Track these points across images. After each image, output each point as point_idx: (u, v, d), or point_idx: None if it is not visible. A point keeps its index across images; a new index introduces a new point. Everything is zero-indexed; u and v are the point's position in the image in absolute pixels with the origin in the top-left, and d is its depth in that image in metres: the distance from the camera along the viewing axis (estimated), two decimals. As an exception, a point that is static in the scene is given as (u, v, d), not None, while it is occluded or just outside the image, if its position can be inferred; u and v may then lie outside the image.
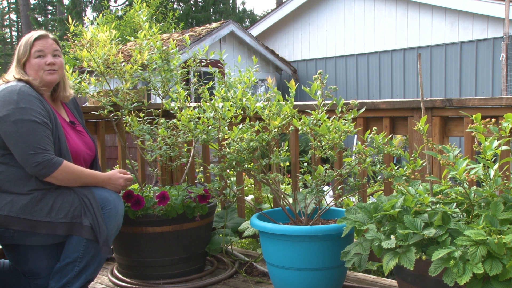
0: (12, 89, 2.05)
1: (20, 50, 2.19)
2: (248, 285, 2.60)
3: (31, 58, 2.17)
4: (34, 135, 2.00)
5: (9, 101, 2.01)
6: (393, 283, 2.52)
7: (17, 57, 2.20)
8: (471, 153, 2.23)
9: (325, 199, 2.45)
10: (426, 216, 1.71)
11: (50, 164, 2.00)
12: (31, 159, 1.98)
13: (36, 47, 2.17)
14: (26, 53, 2.17)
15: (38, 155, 1.99)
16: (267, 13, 11.03)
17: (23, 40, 2.21)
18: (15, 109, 2.00)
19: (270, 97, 2.39)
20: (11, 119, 1.99)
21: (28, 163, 1.99)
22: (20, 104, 2.01)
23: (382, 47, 8.89)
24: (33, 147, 1.98)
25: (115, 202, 2.17)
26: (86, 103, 4.97)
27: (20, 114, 2.00)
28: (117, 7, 20.73)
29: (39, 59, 2.18)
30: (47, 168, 2.00)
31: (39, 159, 1.99)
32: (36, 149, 1.99)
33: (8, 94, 2.03)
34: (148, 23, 2.92)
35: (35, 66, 2.17)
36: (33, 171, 2.01)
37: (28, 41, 2.19)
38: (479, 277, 1.49)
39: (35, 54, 2.17)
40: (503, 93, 7.19)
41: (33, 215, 2.03)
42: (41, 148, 2.00)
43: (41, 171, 2.00)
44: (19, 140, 1.99)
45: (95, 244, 2.09)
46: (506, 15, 7.03)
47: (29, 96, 2.05)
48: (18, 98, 2.02)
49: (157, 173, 2.91)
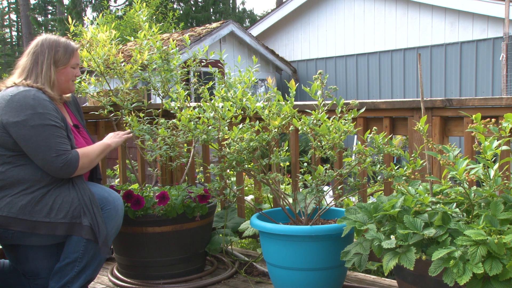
0: (26, 94, 2.06)
1: (60, 52, 2.21)
2: (248, 285, 2.60)
3: (68, 66, 2.24)
4: (55, 138, 2.05)
5: (25, 106, 2.03)
6: (393, 283, 2.52)
7: (55, 58, 2.20)
8: (471, 153, 2.22)
9: (325, 199, 2.45)
10: (426, 216, 1.71)
11: (72, 162, 2.06)
12: (56, 161, 2.03)
13: (75, 59, 2.28)
14: (69, 59, 2.23)
15: (60, 156, 2.04)
16: (267, 13, 11.03)
17: (63, 43, 2.23)
18: (33, 114, 2.03)
19: (270, 97, 2.39)
20: (30, 124, 2.01)
21: (53, 166, 2.03)
22: (38, 109, 2.04)
23: (382, 47, 8.89)
24: (55, 149, 2.03)
25: (114, 202, 2.17)
26: (86, 103, 4.97)
27: (39, 120, 2.03)
28: (117, 7, 20.74)
29: (74, 70, 2.28)
30: (72, 166, 2.06)
31: (63, 160, 2.04)
32: (58, 151, 2.04)
33: (23, 99, 2.05)
34: (148, 23, 2.92)
35: (69, 75, 2.26)
36: (59, 173, 2.05)
37: (70, 49, 2.25)
38: (479, 277, 1.49)
39: (73, 64, 2.26)
40: (503, 93, 7.19)
41: (32, 215, 2.03)
42: (62, 150, 2.05)
43: (67, 170, 2.06)
44: (41, 144, 2.02)
45: (95, 244, 2.09)
46: (506, 15, 7.03)
47: (44, 101, 2.08)
48: (34, 103, 2.05)
49: (157, 173, 2.91)
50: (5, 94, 2.08)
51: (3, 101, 2.05)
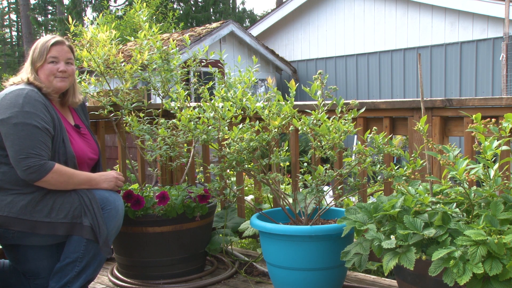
0: (19, 93, 2.06)
1: (36, 53, 2.20)
2: (248, 285, 2.60)
3: (45, 62, 2.19)
4: (31, 140, 2.00)
5: (14, 104, 2.03)
6: (393, 283, 2.52)
7: (31, 59, 2.20)
8: (471, 153, 2.22)
9: (325, 199, 2.45)
10: (426, 216, 1.71)
11: (40, 169, 1.99)
12: (22, 162, 1.98)
13: (52, 53, 2.20)
14: (42, 57, 2.19)
15: (29, 159, 1.98)
16: (267, 13, 11.03)
17: (39, 43, 2.22)
18: (19, 112, 2.01)
19: (270, 97, 2.39)
20: (12, 121, 2.00)
21: (18, 167, 1.99)
22: (25, 108, 2.02)
23: (382, 47, 8.89)
24: (25, 151, 1.98)
25: (115, 202, 2.17)
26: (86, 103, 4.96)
27: (22, 118, 2.01)
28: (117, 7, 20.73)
29: (52, 65, 2.20)
30: (38, 173, 1.99)
31: (30, 163, 1.98)
32: (28, 154, 1.98)
33: (15, 97, 2.04)
34: (148, 23, 2.92)
35: (47, 71, 2.19)
36: (23, 175, 2.00)
37: (44, 45, 2.20)
38: (479, 277, 1.49)
39: (49, 60, 2.19)
40: (503, 93, 7.19)
41: (33, 215, 2.04)
42: (34, 153, 1.99)
43: (31, 175, 1.99)
44: (15, 142, 1.99)
45: (95, 244, 2.09)
46: (506, 15, 7.03)
47: (35, 101, 2.06)
48: (23, 102, 2.03)
49: (157, 173, 2.91)
50: (2, 93, 2.10)
51: None
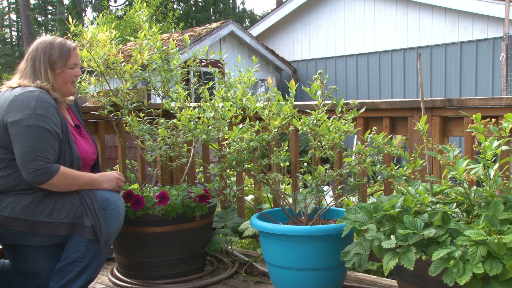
0: (30, 95, 2.04)
1: (55, 55, 2.16)
2: (248, 285, 2.60)
3: (66, 68, 2.18)
4: (41, 143, 1.99)
5: (26, 106, 2.01)
6: (393, 283, 2.52)
7: (49, 64, 2.16)
8: (471, 153, 2.23)
9: (325, 199, 2.45)
10: (426, 216, 1.71)
11: (47, 172, 1.99)
12: (29, 164, 1.97)
13: (73, 59, 2.20)
14: (65, 61, 2.17)
15: (36, 161, 1.97)
16: (267, 13, 11.03)
17: (57, 45, 2.18)
18: (31, 115, 2.00)
19: (270, 97, 2.39)
20: (24, 123, 1.99)
21: (24, 169, 1.98)
22: (37, 110, 2.01)
23: (382, 47, 8.89)
24: (34, 154, 1.97)
25: (116, 202, 2.17)
26: (86, 103, 4.97)
27: (35, 120, 2.00)
28: (117, 7, 20.73)
29: (71, 70, 2.20)
30: (44, 176, 1.99)
31: (37, 166, 1.97)
32: (37, 156, 1.98)
33: (27, 99, 2.03)
34: (148, 23, 2.92)
35: (67, 76, 2.19)
36: (29, 177, 1.99)
37: (66, 49, 2.19)
38: (479, 277, 1.49)
39: (71, 65, 2.19)
40: (503, 93, 7.19)
41: (34, 215, 2.03)
42: (42, 156, 1.99)
43: (37, 178, 1.98)
44: (25, 144, 1.98)
45: (96, 244, 2.09)
46: (506, 15, 7.03)
47: (47, 103, 2.05)
48: (35, 104, 2.02)
49: (157, 173, 2.91)
50: (10, 95, 2.07)
51: (6, 101, 2.05)
